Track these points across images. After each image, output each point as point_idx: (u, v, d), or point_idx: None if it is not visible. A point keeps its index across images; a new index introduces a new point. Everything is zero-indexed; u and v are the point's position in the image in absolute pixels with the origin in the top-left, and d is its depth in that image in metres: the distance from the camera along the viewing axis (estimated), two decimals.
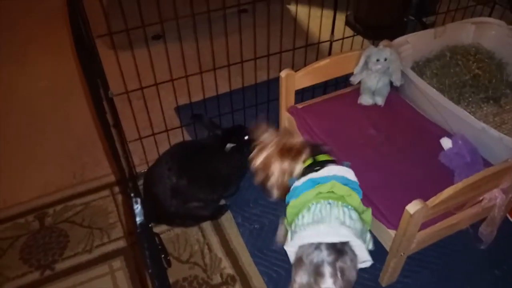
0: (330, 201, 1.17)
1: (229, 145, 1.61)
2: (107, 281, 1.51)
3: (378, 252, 1.46)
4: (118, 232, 1.67)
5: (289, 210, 1.24)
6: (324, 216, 1.13)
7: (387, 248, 1.38)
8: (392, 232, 1.33)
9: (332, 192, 1.19)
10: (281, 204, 1.74)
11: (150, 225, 1.27)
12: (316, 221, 1.13)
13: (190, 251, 1.59)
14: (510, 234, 1.63)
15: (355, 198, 1.21)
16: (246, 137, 1.68)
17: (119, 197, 1.81)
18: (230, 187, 1.72)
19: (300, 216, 1.18)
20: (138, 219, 0.72)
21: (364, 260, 1.16)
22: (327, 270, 1.06)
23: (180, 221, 1.64)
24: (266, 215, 1.71)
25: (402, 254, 1.35)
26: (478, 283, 1.50)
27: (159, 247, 1.51)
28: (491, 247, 1.56)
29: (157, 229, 1.66)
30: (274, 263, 1.54)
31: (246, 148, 1.60)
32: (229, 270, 1.54)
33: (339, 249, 1.09)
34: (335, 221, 1.11)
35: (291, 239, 1.17)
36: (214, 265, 1.55)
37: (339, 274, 1.07)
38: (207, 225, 1.68)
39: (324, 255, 1.08)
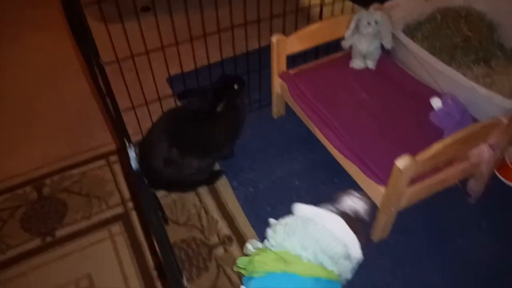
0: None
1: (220, 105, 1.59)
2: (107, 245, 1.55)
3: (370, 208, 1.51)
4: (115, 200, 1.70)
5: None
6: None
7: (378, 205, 1.41)
8: (382, 188, 1.37)
9: None
10: (275, 169, 1.78)
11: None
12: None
13: (187, 214, 1.63)
14: (498, 190, 1.67)
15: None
16: (236, 86, 1.66)
17: (116, 167, 1.84)
18: (224, 149, 1.73)
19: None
20: (133, 165, 0.74)
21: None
22: None
23: (176, 187, 1.67)
24: (261, 179, 1.74)
25: (393, 209, 1.39)
26: (467, 237, 1.55)
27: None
28: (480, 202, 1.61)
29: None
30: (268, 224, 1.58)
31: (238, 100, 1.60)
32: (225, 231, 1.58)
33: None
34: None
35: None
36: (211, 227, 1.59)
37: None
38: (203, 190, 1.72)
39: None
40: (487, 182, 1.59)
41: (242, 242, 1.55)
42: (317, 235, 1.12)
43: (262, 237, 1.54)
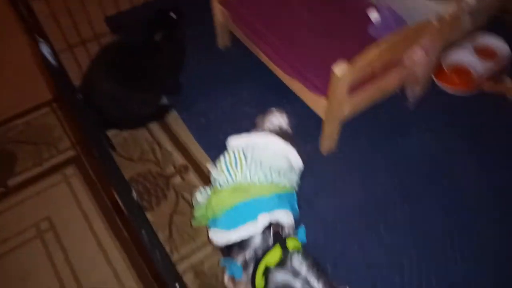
0: None
1: (157, 35, 1.56)
2: (63, 187, 1.55)
3: (317, 124, 1.57)
4: (65, 144, 1.68)
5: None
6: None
7: (323, 116, 1.47)
8: (324, 99, 1.42)
9: None
10: (225, 98, 1.80)
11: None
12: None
13: (140, 150, 1.64)
14: (435, 95, 1.77)
15: None
16: (173, 16, 1.62)
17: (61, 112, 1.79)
18: (168, 82, 1.71)
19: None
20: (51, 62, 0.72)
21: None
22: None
23: (125, 123, 1.66)
24: (211, 110, 1.76)
25: (336, 118, 1.45)
26: (409, 139, 1.66)
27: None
28: (419, 107, 1.71)
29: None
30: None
31: (177, 31, 1.56)
32: (181, 161, 1.61)
33: None
34: None
35: None
36: (166, 159, 1.62)
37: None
38: (153, 126, 1.72)
39: None
40: (425, 88, 1.68)
41: (198, 169, 1.59)
42: (259, 158, 1.17)
43: None
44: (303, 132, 1.66)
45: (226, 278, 1.17)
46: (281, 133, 1.23)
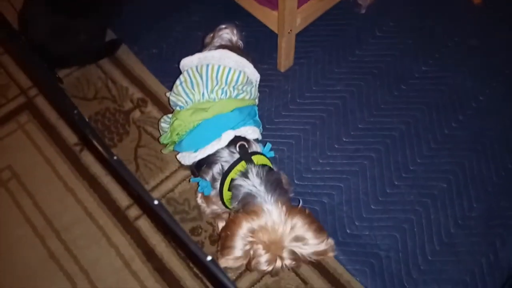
0: None
1: None
2: (20, 135, 1.50)
3: (272, 44, 1.55)
4: (14, 91, 1.60)
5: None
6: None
7: (276, 31, 1.44)
8: (275, 12, 1.38)
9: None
10: (175, 26, 1.72)
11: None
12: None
13: (95, 88, 1.59)
14: None
15: None
16: None
17: (4, 58, 1.68)
18: (111, 8, 1.61)
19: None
20: None
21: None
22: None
23: (73, 59, 1.58)
24: (163, 39, 1.69)
25: (290, 31, 1.42)
26: (364, 48, 1.66)
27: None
28: (370, 13, 1.70)
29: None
30: None
31: None
32: (138, 95, 1.57)
33: None
34: None
35: None
36: (122, 95, 1.57)
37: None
38: (105, 63, 1.64)
39: None
40: None
41: (156, 101, 1.56)
42: (214, 74, 1.14)
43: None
44: (259, 53, 1.63)
45: (199, 197, 1.20)
46: (233, 48, 1.20)
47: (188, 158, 1.12)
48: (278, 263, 0.91)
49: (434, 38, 1.68)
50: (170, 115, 1.22)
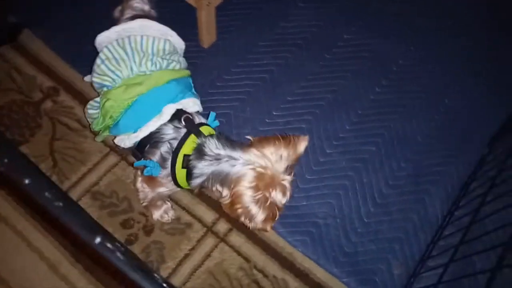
0: None
1: None
2: None
3: (192, 21, 1.47)
4: None
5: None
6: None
7: (194, 3, 1.36)
8: None
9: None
10: (82, 5, 1.57)
11: None
12: None
13: None
14: None
15: None
16: None
17: None
18: None
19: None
20: None
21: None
22: None
23: None
24: (70, 21, 1.54)
25: (209, 3, 1.35)
26: (289, 19, 1.63)
27: None
28: None
29: None
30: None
31: None
32: (48, 83, 1.43)
33: None
34: None
35: None
36: (29, 84, 1.42)
37: None
38: (6, 51, 1.47)
39: None
40: None
41: (69, 88, 1.42)
42: (139, 46, 1.06)
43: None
44: (178, 29, 1.53)
45: (139, 181, 1.12)
46: (147, 17, 1.11)
47: (128, 140, 1.02)
48: (289, 187, 0.94)
49: (356, 6, 1.69)
50: (97, 99, 1.11)
